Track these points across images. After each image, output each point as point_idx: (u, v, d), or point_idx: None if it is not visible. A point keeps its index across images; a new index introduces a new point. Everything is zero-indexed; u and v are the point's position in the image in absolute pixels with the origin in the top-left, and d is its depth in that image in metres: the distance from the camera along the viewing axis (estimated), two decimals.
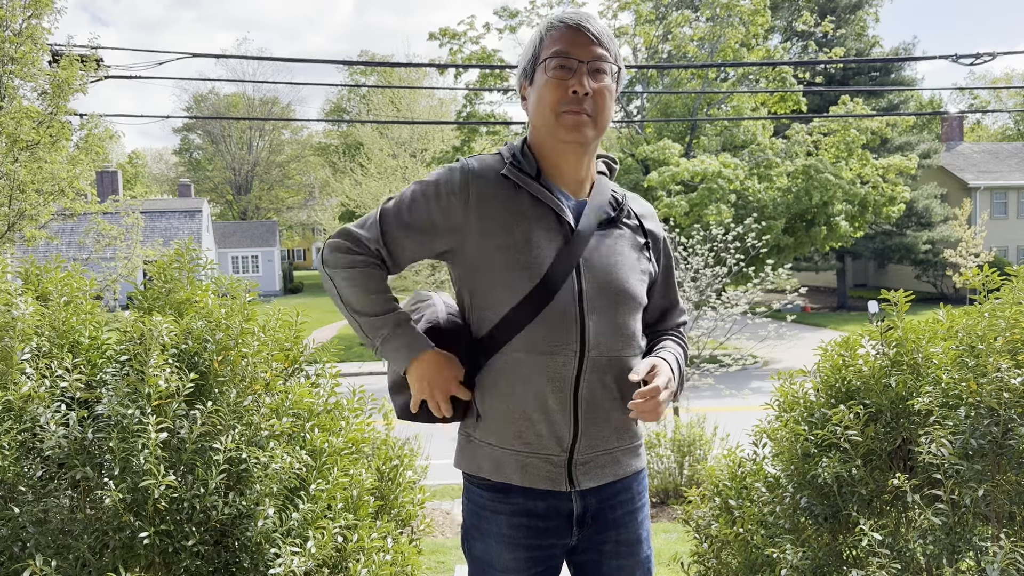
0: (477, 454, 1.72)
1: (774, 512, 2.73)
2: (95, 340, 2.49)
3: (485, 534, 1.72)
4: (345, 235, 1.71)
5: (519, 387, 1.65)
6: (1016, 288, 2.50)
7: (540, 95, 1.65)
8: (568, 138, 1.65)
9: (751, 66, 19.87)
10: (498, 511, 1.70)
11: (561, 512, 1.71)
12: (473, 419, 1.73)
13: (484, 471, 1.70)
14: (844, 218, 18.71)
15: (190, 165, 55.40)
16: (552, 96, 1.63)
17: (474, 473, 1.73)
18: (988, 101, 49.81)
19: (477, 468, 1.72)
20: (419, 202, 1.67)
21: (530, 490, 1.68)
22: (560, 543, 1.73)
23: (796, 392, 2.82)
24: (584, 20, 1.64)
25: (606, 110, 1.66)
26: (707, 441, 6.95)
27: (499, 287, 1.64)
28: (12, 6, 9.80)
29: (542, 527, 1.70)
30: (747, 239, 9.86)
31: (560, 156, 1.70)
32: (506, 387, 1.66)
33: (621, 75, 1.72)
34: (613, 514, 1.76)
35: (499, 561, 1.70)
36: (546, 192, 1.68)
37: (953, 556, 2.34)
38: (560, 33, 1.64)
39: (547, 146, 1.70)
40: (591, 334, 1.64)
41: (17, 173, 9.74)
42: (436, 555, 5.31)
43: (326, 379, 2.92)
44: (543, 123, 1.67)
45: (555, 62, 1.63)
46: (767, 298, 10.82)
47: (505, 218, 1.65)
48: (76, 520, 2.21)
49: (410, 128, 24.83)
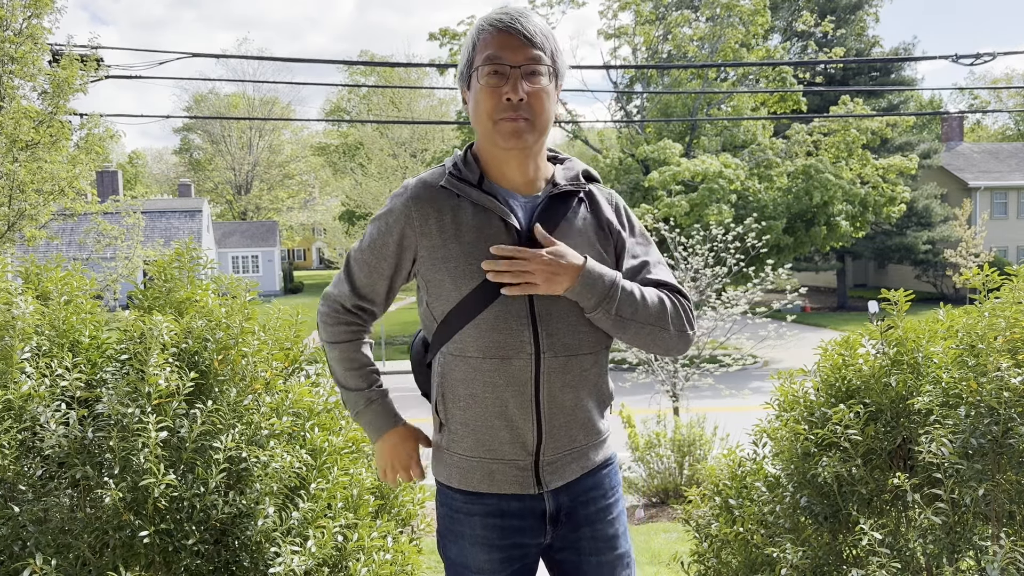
0: (446, 463, 1.73)
1: (774, 511, 2.73)
2: (95, 339, 2.49)
3: (459, 536, 1.73)
4: (326, 302, 1.83)
5: (478, 395, 1.64)
6: (1016, 288, 2.50)
7: (476, 102, 1.63)
8: (507, 145, 1.63)
9: (751, 66, 19.88)
10: (472, 512, 1.71)
11: (535, 512, 1.71)
12: (437, 429, 1.75)
13: (453, 480, 1.72)
14: (844, 218, 18.71)
15: (190, 165, 55.39)
16: (487, 104, 1.61)
17: (443, 482, 1.75)
18: (988, 101, 49.81)
19: (447, 477, 1.73)
20: (376, 241, 1.72)
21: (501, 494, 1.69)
22: (534, 542, 1.73)
23: (796, 391, 2.82)
24: (515, 20, 1.59)
25: (544, 112, 1.63)
26: (707, 441, 6.95)
27: (446, 296, 1.65)
28: (12, 6, 9.80)
29: (516, 526, 1.70)
30: (747, 239, 9.86)
31: (503, 161, 1.69)
32: (466, 396, 1.65)
33: (560, 72, 1.67)
34: (586, 511, 1.75)
35: (474, 562, 1.71)
36: (489, 197, 1.65)
37: (953, 555, 2.34)
38: (491, 36, 1.60)
39: (490, 152, 1.70)
40: (543, 335, 1.62)
41: (17, 173, 9.75)
42: (436, 554, 5.30)
43: (326, 378, 2.92)
44: (482, 130, 1.66)
45: (487, 68, 1.59)
46: (767, 298, 10.82)
47: (446, 232, 1.65)
48: (76, 519, 2.21)
49: (410, 128, 24.83)
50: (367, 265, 1.74)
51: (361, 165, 29.13)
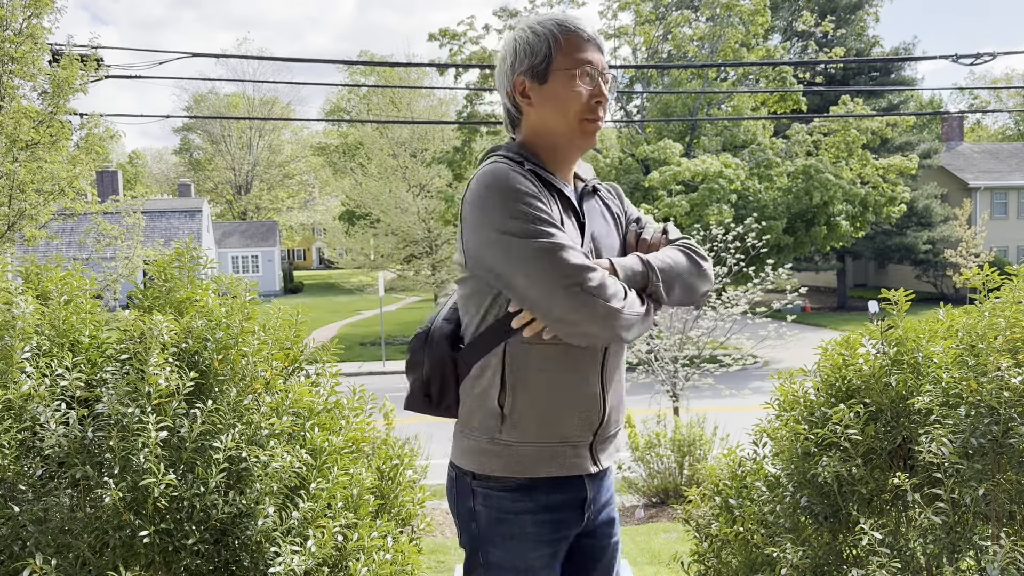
0: (502, 455, 1.70)
1: (774, 511, 2.73)
2: (95, 339, 2.49)
3: (508, 537, 1.71)
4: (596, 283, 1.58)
5: (556, 378, 1.67)
6: (1016, 287, 2.50)
7: (563, 100, 1.69)
8: (584, 144, 1.74)
9: (751, 66, 19.88)
10: (522, 511, 1.71)
11: (576, 502, 1.77)
12: (493, 421, 1.69)
13: (511, 470, 1.70)
14: (844, 218, 18.72)
15: (190, 165, 55.40)
16: (578, 104, 1.69)
17: (498, 475, 1.71)
18: (988, 101, 49.82)
19: (503, 469, 1.70)
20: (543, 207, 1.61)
21: (554, 482, 1.72)
22: (573, 532, 1.80)
23: (796, 391, 2.82)
24: (595, 32, 1.73)
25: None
26: (707, 441, 6.96)
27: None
28: (12, 5, 9.80)
29: (562, 519, 1.75)
30: (747, 239, 9.86)
31: (566, 156, 1.77)
32: (542, 381, 1.67)
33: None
34: (604, 495, 1.86)
35: (524, 561, 1.71)
36: (569, 191, 1.76)
37: (953, 555, 2.34)
38: (580, 41, 1.70)
39: (557, 147, 1.74)
40: None
41: (17, 173, 9.75)
42: (436, 554, 5.31)
43: (326, 378, 2.92)
44: (562, 127, 1.71)
45: (581, 71, 1.68)
46: (767, 298, 10.81)
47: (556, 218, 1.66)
48: (76, 519, 2.21)
49: (410, 128, 24.82)
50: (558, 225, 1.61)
51: (361, 165, 29.13)
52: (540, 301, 1.57)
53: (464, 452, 1.75)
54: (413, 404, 1.86)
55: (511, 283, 1.60)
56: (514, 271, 1.58)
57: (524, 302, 1.60)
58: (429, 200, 22.98)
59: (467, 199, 1.66)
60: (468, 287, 1.72)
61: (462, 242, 1.68)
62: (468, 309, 1.73)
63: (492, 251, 1.60)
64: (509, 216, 1.58)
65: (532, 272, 1.56)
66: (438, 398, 1.79)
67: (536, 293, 1.57)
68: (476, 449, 1.73)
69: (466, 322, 1.75)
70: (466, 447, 1.75)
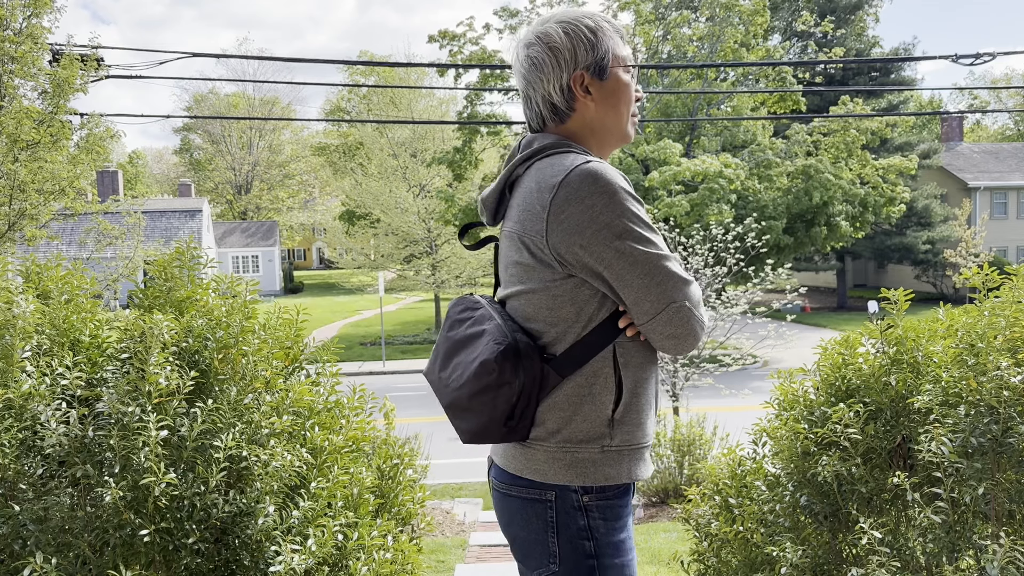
0: (615, 462, 1.62)
1: (774, 511, 2.73)
2: (96, 338, 2.50)
3: (621, 542, 1.66)
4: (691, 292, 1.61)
5: (649, 377, 1.67)
6: (1016, 287, 2.50)
7: (619, 96, 1.71)
8: (628, 141, 1.77)
9: (751, 66, 19.88)
10: (626, 514, 1.68)
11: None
12: (604, 428, 1.60)
13: (624, 475, 1.63)
14: (844, 218, 18.73)
15: (190, 165, 55.41)
16: (631, 100, 1.73)
17: (613, 483, 1.62)
18: (988, 101, 49.83)
19: (616, 476, 1.62)
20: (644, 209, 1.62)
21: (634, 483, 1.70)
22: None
23: (796, 391, 2.82)
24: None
25: None
26: (707, 440, 6.96)
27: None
28: (12, 5, 9.80)
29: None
30: (747, 239, 9.86)
31: (609, 152, 1.79)
32: (643, 380, 1.65)
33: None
34: None
35: (631, 562, 1.67)
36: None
37: (953, 554, 2.35)
38: (622, 38, 1.73)
39: (606, 143, 1.75)
40: None
41: (18, 173, 9.76)
42: (436, 554, 5.31)
43: (326, 377, 2.92)
44: (616, 123, 1.72)
45: (631, 67, 1.71)
46: (767, 298, 10.82)
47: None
48: (76, 518, 2.21)
49: (410, 128, 24.83)
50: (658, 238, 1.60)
51: (361, 165, 29.16)
52: (649, 310, 1.54)
53: (567, 468, 1.60)
54: (488, 435, 1.62)
55: (621, 288, 1.55)
56: (629, 278, 1.54)
57: (634, 307, 1.56)
58: (429, 200, 22.99)
59: (565, 197, 1.54)
60: (558, 290, 1.58)
61: (547, 243, 1.56)
62: (558, 314, 1.59)
63: (604, 254, 1.53)
64: (625, 220, 1.53)
65: (647, 282, 1.53)
66: (519, 420, 1.59)
67: (649, 305, 1.54)
68: (585, 461, 1.60)
69: (556, 330, 1.60)
70: (569, 462, 1.60)
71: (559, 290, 1.58)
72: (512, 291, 1.65)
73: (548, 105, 1.70)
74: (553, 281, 1.58)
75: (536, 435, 1.61)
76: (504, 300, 1.69)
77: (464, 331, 1.67)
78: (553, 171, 1.58)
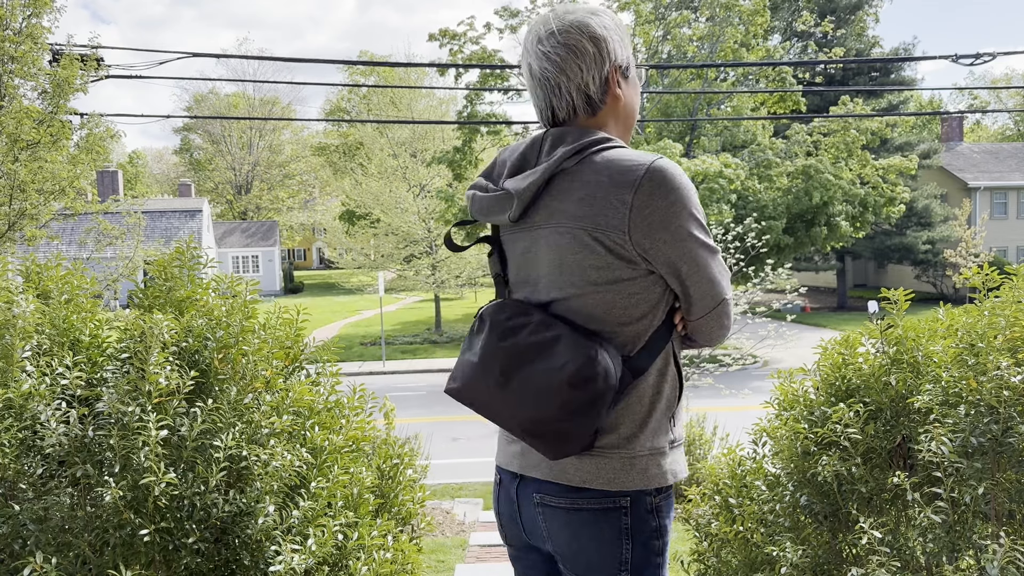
0: (677, 457, 1.62)
1: (774, 510, 2.73)
2: (96, 338, 2.50)
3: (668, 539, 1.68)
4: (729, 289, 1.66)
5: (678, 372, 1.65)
6: (1015, 287, 2.50)
7: (637, 92, 1.73)
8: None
9: (751, 66, 19.89)
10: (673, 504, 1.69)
11: None
12: (666, 424, 1.59)
13: (681, 471, 1.64)
14: (844, 218, 18.73)
15: (190, 165, 55.43)
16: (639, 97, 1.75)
17: (677, 479, 1.62)
18: (988, 101, 49.85)
19: (679, 471, 1.63)
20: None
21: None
22: None
23: (796, 390, 2.82)
24: None
25: None
26: (707, 440, 6.96)
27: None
28: (12, 5, 9.80)
29: None
30: (747, 239, 9.86)
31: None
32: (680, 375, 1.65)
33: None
34: None
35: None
36: None
37: (953, 554, 2.35)
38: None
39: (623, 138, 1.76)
40: None
41: (18, 173, 9.76)
42: (436, 554, 5.31)
43: (326, 377, 2.92)
44: (632, 119, 1.74)
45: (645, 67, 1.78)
46: (767, 298, 10.83)
47: None
48: (76, 518, 2.21)
49: (410, 128, 24.83)
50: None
51: (361, 165, 29.14)
52: (709, 304, 1.58)
53: (643, 472, 1.56)
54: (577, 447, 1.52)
55: (693, 283, 1.55)
56: (703, 272, 1.55)
57: (699, 301, 1.57)
58: (429, 200, 22.99)
59: (650, 192, 1.49)
60: (635, 287, 1.53)
61: (629, 238, 1.49)
62: (632, 313, 1.54)
63: (686, 248, 1.52)
64: (700, 216, 1.56)
65: (713, 276, 1.57)
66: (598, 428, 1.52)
67: (711, 300, 1.58)
68: (658, 462, 1.58)
69: (629, 330, 1.55)
70: (645, 465, 1.56)
71: (636, 287, 1.53)
72: (572, 292, 1.55)
73: (583, 96, 1.62)
74: (632, 279, 1.53)
75: (608, 442, 1.54)
76: (550, 302, 1.58)
77: (526, 339, 1.53)
78: (625, 165, 1.51)
